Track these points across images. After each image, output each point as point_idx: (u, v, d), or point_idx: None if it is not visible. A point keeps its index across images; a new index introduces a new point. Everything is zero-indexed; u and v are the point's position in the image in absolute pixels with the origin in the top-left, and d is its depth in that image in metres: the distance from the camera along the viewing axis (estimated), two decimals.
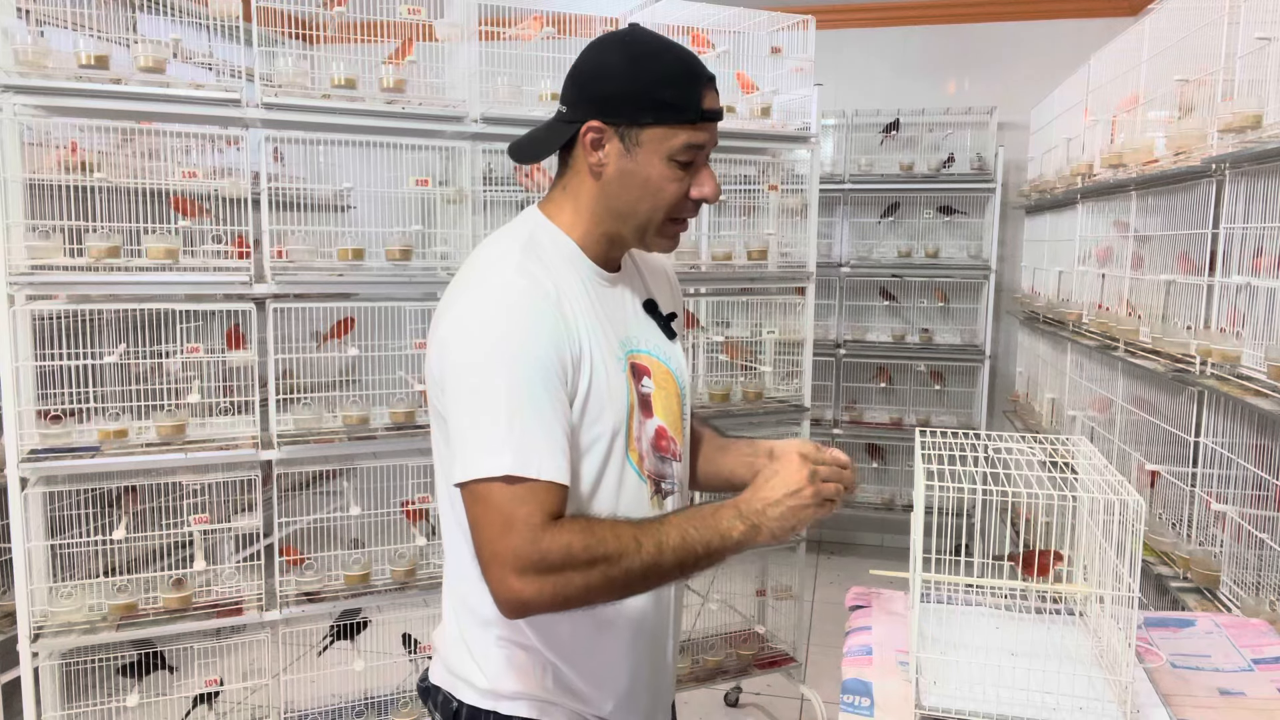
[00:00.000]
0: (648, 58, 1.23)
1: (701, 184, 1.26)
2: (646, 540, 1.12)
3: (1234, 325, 2.10)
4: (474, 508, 1.13)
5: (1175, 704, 1.19)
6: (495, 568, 1.10)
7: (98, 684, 2.48)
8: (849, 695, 1.21)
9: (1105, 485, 1.17)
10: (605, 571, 1.10)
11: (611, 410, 1.23)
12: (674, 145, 1.22)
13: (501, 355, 1.14)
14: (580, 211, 1.28)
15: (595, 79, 1.25)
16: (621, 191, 1.25)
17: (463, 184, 2.76)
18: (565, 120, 1.26)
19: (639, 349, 1.31)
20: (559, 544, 1.08)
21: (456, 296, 1.22)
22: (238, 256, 2.52)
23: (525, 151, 1.31)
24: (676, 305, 1.46)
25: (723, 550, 1.15)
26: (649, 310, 1.37)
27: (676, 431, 1.35)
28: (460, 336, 1.17)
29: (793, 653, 3.32)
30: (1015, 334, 4.89)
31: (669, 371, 1.35)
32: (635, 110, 1.21)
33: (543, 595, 1.09)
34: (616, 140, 1.22)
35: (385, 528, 2.77)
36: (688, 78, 1.23)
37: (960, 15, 4.96)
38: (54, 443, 2.39)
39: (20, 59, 2.26)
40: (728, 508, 1.17)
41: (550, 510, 1.11)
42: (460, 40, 2.71)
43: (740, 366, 3.40)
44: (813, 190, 3.25)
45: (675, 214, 1.27)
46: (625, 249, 1.34)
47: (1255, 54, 2.00)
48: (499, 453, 1.10)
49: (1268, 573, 1.92)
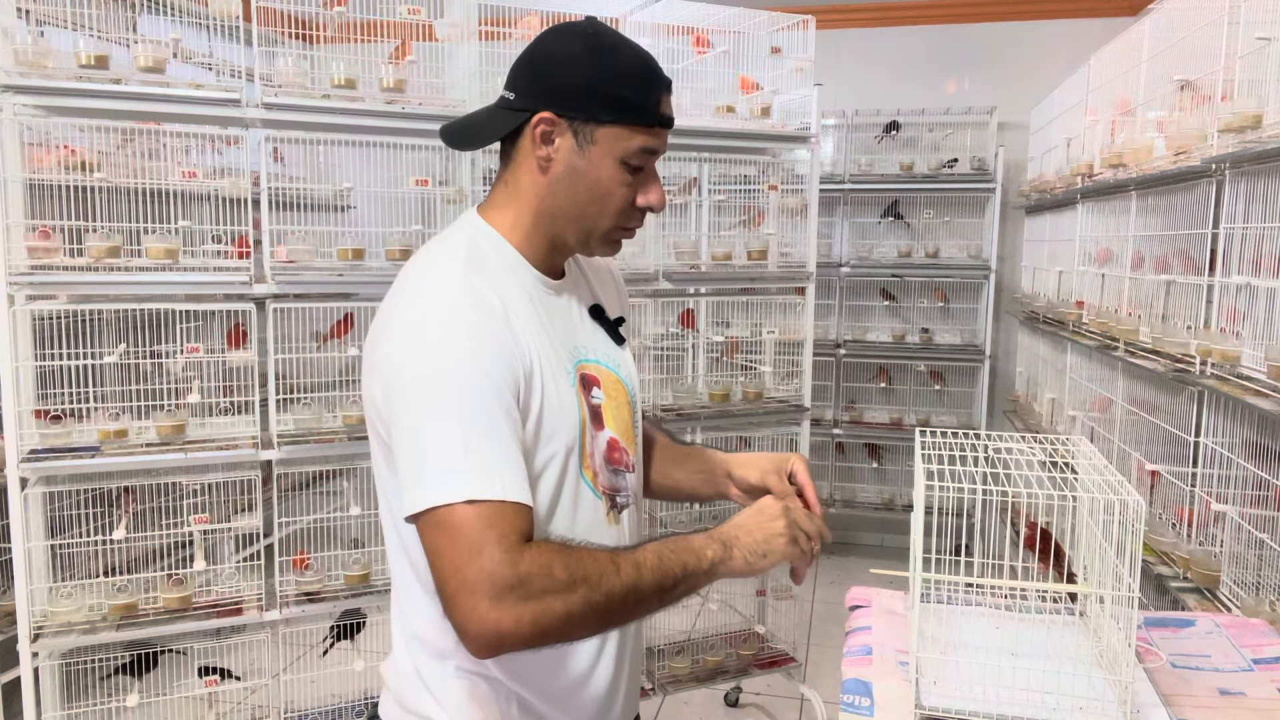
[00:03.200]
0: (610, 51, 1.16)
1: (648, 192, 1.20)
2: (623, 561, 1.05)
3: (1234, 325, 2.10)
4: (434, 536, 1.01)
5: (1175, 704, 1.19)
6: (464, 597, 0.97)
7: (98, 684, 2.48)
8: (849, 695, 1.21)
9: (1105, 485, 1.17)
10: (587, 596, 1.01)
11: (564, 428, 1.16)
12: (629, 147, 1.15)
13: (451, 375, 1.05)
14: (522, 212, 1.20)
15: (552, 67, 1.16)
16: (568, 191, 1.17)
17: (463, 184, 2.77)
18: (512, 108, 1.17)
19: (587, 358, 1.24)
20: (538, 564, 0.99)
21: (395, 314, 1.12)
22: (238, 256, 2.52)
23: (460, 137, 1.23)
24: (624, 308, 1.40)
25: (698, 572, 1.10)
26: (595, 316, 1.30)
27: (629, 441, 1.28)
28: (404, 358, 1.08)
29: (793, 653, 3.32)
30: (1015, 334, 4.89)
31: (618, 379, 1.28)
32: (594, 105, 1.14)
33: (521, 624, 0.97)
34: (569, 135, 1.15)
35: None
36: (649, 79, 1.17)
37: (960, 15, 4.96)
38: (54, 443, 2.39)
39: (20, 59, 2.26)
40: (698, 534, 1.13)
41: (523, 532, 1.02)
42: (460, 40, 2.72)
43: (740, 366, 3.40)
44: (813, 190, 3.25)
45: (623, 222, 1.21)
46: (568, 254, 1.27)
47: (1255, 54, 2.00)
48: (457, 476, 1.01)
49: (1268, 573, 1.93)
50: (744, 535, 1.14)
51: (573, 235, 1.21)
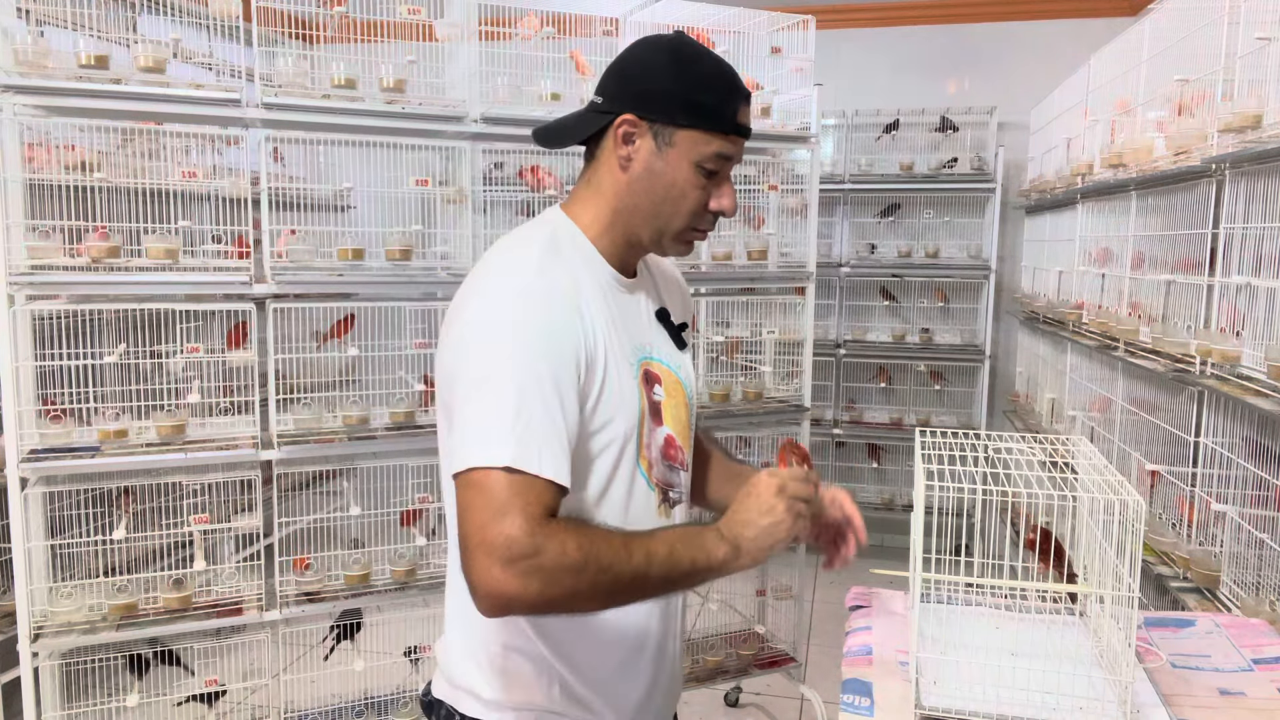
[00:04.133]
0: (693, 61, 1.24)
1: (721, 196, 1.26)
2: (636, 550, 1.09)
3: (1234, 325, 2.10)
4: (466, 493, 1.08)
5: (1175, 704, 1.19)
6: (481, 556, 1.03)
7: (98, 684, 2.48)
8: (849, 695, 1.21)
9: (1105, 485, 1.17)
10: (594, 578, 1.06)
11: (624, 415, 1.22)
12: (705, 152, 1.22)
13: (516, 348, 1.12)
14: (601, 208, 1.27)
15: (638, 74, 1.24)
16: (645, 190, 1.24)
17: (463, 184, 2.76)
18: (599, 110, 1.25)
19: (652, 356, 1.30)
20: (555, 541, 1.04)
21: (475, 290, 1.20)
22: (238, 256, 2.52)
23: (551, 136, 1.31)
24: (687, 315, 1.46)
25: (708, 570, 1.14)
26: (661, 319, 1.36)
27: (685, 441, 1.35)
28: (476, 329, 1.15)
29: (793, 653, 3.32)
30: (1015, 334, 4.89)
31: (678, 380, 1.34)
32: (674, 110, 1.21)
33: (527, 592, 1.03)
34: (649, 137, 1.22)
35: (385, 528, 2.77)
36: (728, 89, 1.24)
37: (960, 15, 4.96)
38: (54, 443, 2.39)
39: (20, 59, 2.26)
40: (711, 530, 1.16)
41: (549, 507, 1.08)
42: (460, 40, 2.72)
43: (740, 366, 3.40)
44: (813, 190, 3.25)
45: (695, 223, 1.27)
46: (642, 253, 1.33)
47: (1255, 54, 2.00)
48: (502, 443, 1.07)
49: (1268, 573, 1.92)
50: (748, 531, 1.16)
51: (647, 233, 1.27)
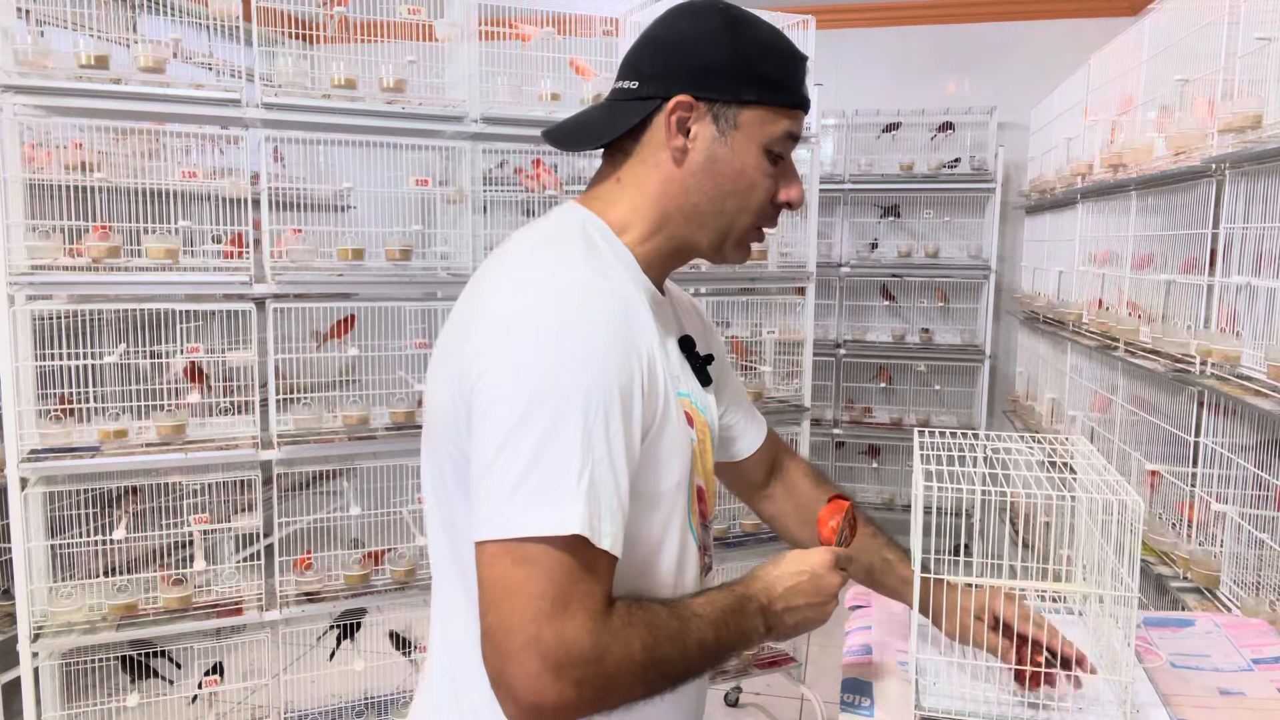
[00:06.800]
0: (749, 25, 1.01)
1: (790, 186, 1.06)
2: (690, 640, 0.92)
3: (1234, 325, 2.10)
4: (510, 569, 0.84)
5: (1175, 704, 1.19)
6: (529, 657, 0.81)
7: (98, 684, 2.48)
8: (849, 695, 1.21)
9: (1105, 485, 1.17)
10: (652, 680, 0.88)
11: (679, 461, 0.99)
12: (774, 132, 1.01)
13: (571, 379, 0.86)
14: (640, 210, 1.03)
15: (687, 46, 1.00)
16: (707, 184, 1.01)
17: (463, 184, 2.76)
18: (638, 97, 1.02)
19: (682, 392, 1.04)
20: (620, 642, 0.85)
21: (497, 299, 0.93)
22: (237, 256, 2.52)
23: (571, 137, 1.07)
24: (714, 347, 1.20)
25: (741, 648, 0.99)
26: (684, 348, 1.10)
27: (712, 494, 1.14)
28: (508, 351, 0.89)
29: (793, 653, 3.32)
30: (1015, 334, 4.89)
31: (706, 423, 1.10)
32: (737, 84, 0.99)
33: (580, 702, 0.83)
34: (709, 120, 1.00)
35: (385, 528, 2.77)
36: (790, 53, 1.03)
37: (960, 15, 4.96)
38: (54, 443, 2.39)
39: (20, 59, 2.26)
40: (753, 607, 0.99)
41: (609, 593, 0.88)
42: (460, 40, 2.72)
43: (740, 366, 3.40)
44: (813, 190, 3.25)
45: (760, 221, 1.06)
46: (685, 261, 1.09)
47: (1255, 54, 2.00)
48: (569, 505, 0.84)
49: (1268, 573, 1.92)
50: (790, 618, 1.02)
51: (706, 236, 1.05)
